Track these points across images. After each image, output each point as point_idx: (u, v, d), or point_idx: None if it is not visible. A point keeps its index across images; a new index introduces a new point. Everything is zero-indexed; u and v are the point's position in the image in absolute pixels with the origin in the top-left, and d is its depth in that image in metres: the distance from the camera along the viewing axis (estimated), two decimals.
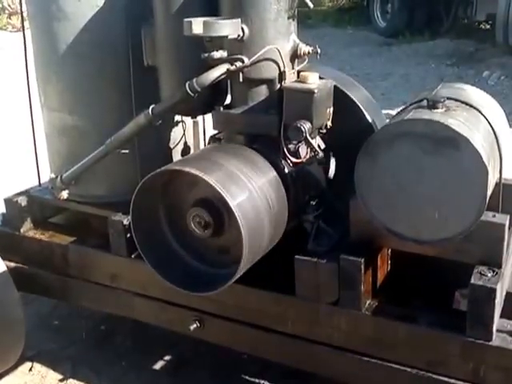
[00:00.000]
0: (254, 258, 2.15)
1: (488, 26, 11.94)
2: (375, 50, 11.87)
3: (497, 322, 2.07)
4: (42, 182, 3.03)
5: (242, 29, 2.24)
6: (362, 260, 2.16)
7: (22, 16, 2.87)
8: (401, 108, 2.35)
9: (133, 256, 2.61)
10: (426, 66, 10.11)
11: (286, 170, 2.33)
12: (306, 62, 2.45)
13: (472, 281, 2.02)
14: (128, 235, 2.55)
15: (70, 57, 2.63)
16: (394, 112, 5.78)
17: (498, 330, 2.07)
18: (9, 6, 16.21)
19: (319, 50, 2.38)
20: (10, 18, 16.04)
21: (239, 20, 2.23)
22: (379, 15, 13.48)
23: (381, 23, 13.47)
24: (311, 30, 12.65)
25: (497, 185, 2.18)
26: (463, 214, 1.98)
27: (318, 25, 14.56)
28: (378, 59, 11.00)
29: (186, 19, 2.16)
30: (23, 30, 2.83)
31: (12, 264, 2.94)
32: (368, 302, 2.27)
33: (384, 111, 2.92)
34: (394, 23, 12.82)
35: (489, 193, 1.99)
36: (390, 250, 2.42)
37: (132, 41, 2.59)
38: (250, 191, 2.10)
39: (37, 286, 3.01)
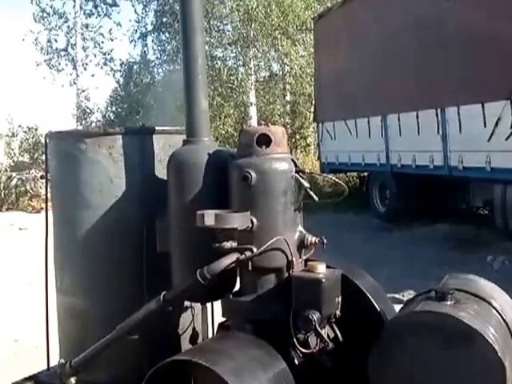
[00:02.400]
0: None
1: (486, 212, 12.25)
2: (376, 234, 12.10)
3: None
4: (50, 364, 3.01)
5: (252, 220, 2.35)
6: None
7: (46, 203, 3.08)
8: (408, 292, 2.37)
9: None
10: (427, 250, 10.22)
11: (296, 361, 2.30)
12: (312, 251, 2.52)
13: None
14: None
15: (86, 242, 2.76)
16: (398, 295, 5.79)
17: None
18: (31, 189, 17.93)
19: (325, 241, 2.47)
20: (31, 200, 17.58)
21: (248, 213, 2.34)
22: (378, 201, 13.92)
23: (380, 208, 13.87)
24: (312, 216, 12.95)
25: None
26: None
27: (318, 210, 15.04)
28: (379, 244, 11.16)
29: (198, 212, 2.28)
30: (46, 217, 3.00)
31: None
32: None
33: (389, 295, 2.93)
34: (393, 209, 13.18)
35: None
36: None
37: (146, 228, 2.72)
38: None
39: None
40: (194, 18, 2.67)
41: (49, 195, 3.08)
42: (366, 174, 15.01)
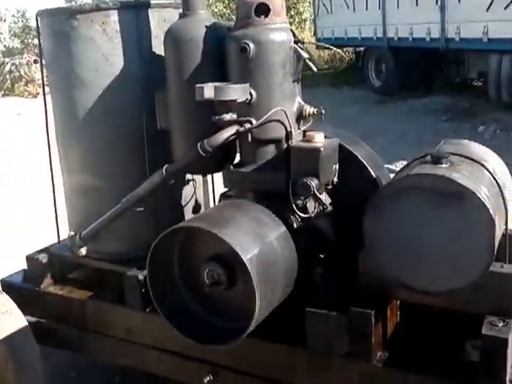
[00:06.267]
0: (267, 311, 2.20)
1: (480, 83, 12.24)
2: (371, 107, 12.13)
3: (510, 372, 2.08)
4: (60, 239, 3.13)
5: (250, 93, 2.36)
6: (372, 312, 2.20)
7: (43, 88, 3.08)
8: (401, 163, 2.42)
9: (147, 310, 2.66)
10: (422, 121, 10.32)
11: (295, 225, 2.41)
12: (310, 123, 2.56)
13: (483, 331, 2.05)
14: (143, 290, 2.61)
15: (88, 121, 2.77)
16: (393, 166, 5.91)
17: (510, 381, 2.08)
18: (25, 74, 17.90)
19: (323, 111, 2.50)
20: (26, 86, 17.65)
21: (247, 85, 2.35)
22: (374, 75, 13.83)
23: (376, 82, 13.81)
24: (308, 90, 12.84)
25: (503, 236, 2.23)
26: (471, 266, 2.02)
27: (314, 85, 14.91)
28: (375, 116, 11.23)
29: (197, 85, 2.29)
30: (44, 97, 3.00)
31: (33, 319, 3.00)
32: (379, 354, 2.30)
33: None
34: (389, 82, 13.14)
35: (496, 244, 2.04)
36: (398, 302, 2.46)
37: (146, 105, 2.72)
38: (262, 246, 2.18)
39: (56, 340, 3.06)
40: None
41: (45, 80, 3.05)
42: (362, 49, 14.78)
